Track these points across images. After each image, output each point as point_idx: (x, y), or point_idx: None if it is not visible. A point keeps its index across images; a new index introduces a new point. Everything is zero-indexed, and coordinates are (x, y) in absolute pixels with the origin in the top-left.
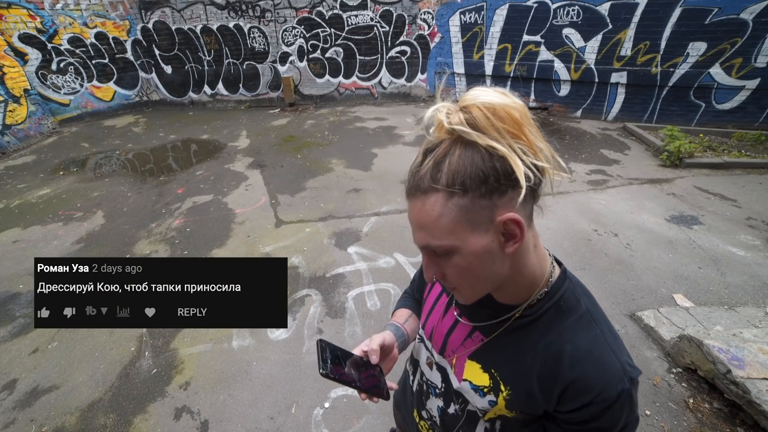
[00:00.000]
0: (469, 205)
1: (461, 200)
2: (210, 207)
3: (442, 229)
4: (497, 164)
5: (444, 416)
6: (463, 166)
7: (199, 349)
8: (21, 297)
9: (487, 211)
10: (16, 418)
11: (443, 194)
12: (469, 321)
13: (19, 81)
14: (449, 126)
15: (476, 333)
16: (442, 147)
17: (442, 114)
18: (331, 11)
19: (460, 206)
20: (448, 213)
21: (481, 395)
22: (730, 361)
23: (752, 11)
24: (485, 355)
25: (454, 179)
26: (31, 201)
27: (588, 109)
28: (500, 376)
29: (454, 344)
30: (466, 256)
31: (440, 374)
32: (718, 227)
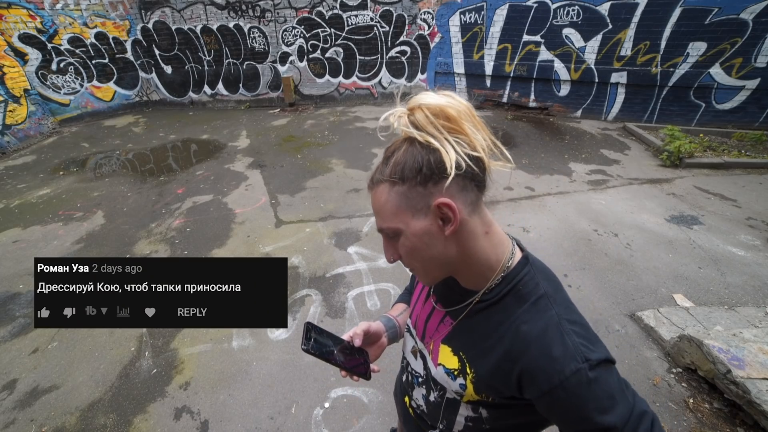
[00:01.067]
0: (407, 192)
1: (401, 188)
2: (210, 207)
3: (388, 213)
4: (431, 156)
5: (428, 405)
6: (403, 159)
7: (199, 349)
8: (21, 297)
9: (424, 198)
10: (16, 418)
11: (387, 184)
12: (443, 307)
13: (19, 81)
14: (397, 128)
15: (447, 318)
16: (395, 145)
17: (394, 117)
18: (331, 11)
19: (399, 193)
20: (392, 199)
21: (452, 378)
22: (730, 361)
23: (752, 11)
24: (454, 339)
25: (395, 170)
26: (31, 201)
27: (588, 109)
28: (467, 358)
29: (431, 330)
30: (410, 237)
31: (422, 362)
32: (718, 227)
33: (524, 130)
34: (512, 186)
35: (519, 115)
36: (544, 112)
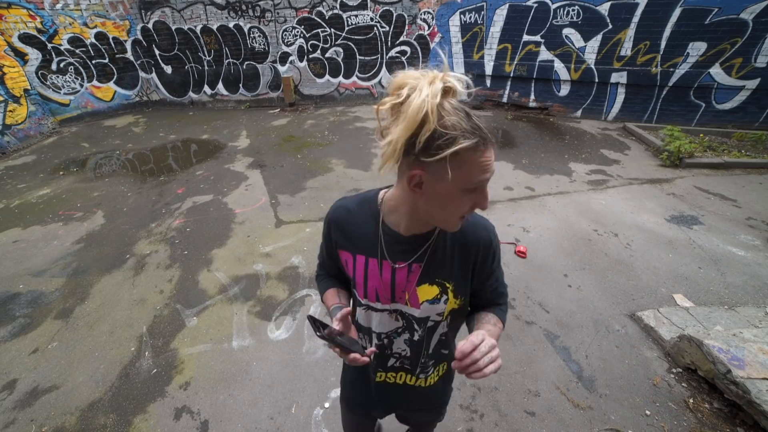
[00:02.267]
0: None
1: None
2: (210, 207)
3: None
4: None
5: (412, 345)
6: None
7: (199, 349)
8: (21, 297)
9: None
10: (16, 418)
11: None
12: (405, 262)
13: (19, 81)
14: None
15: (414, 265)
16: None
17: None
18: (331, 11)
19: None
20: None
21: (437, 302)
22: (730, 361)
23: (752, 11)
24: (428, 273)
25: None
26: (31, 201)
27: (588, 109)
28: (443, 278)
29: (401, 286)
30: None
31: (400, 317)
32: (718, 227)
33: (524, 130)
34: (512, 186)
35: (519, 115)
36: (544, 112)
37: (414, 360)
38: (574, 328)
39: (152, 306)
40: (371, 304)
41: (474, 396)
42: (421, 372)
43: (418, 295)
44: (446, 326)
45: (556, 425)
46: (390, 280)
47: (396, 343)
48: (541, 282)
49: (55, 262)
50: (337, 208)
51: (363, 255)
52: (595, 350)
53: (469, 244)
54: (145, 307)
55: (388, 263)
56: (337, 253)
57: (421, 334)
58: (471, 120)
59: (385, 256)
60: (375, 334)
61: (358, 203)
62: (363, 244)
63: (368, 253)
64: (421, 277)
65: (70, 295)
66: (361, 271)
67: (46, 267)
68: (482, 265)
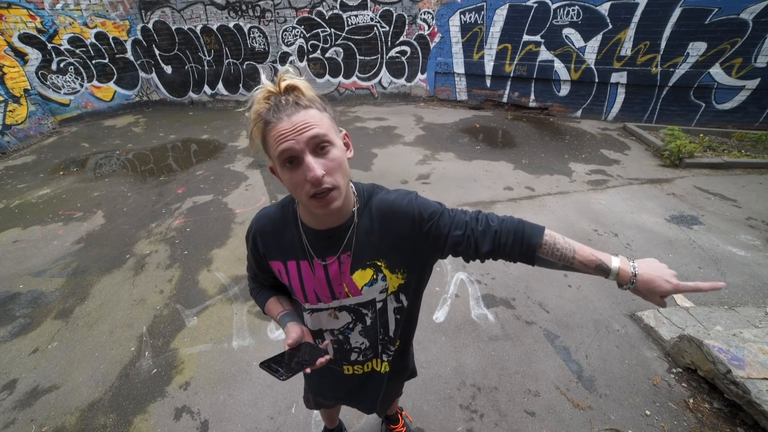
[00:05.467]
0: (330, 118)
1: (326, 114)
2: (210, 207)
3: (325, 126)
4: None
5: (368, 333)
6: (312, 99)
7: (199, 349)
8: (21, 297)
9: (336, 126)
10: (16, 418)
11: (315, 109)
12: (333, 256)
13: (19, 81)
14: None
15: (342, 256)
16: (273, 92)
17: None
18: (331, 11)
19: (328, 117)
20: (324, 119)
21: (376, 282)
22: (730, 361)
23: (752, 11)
24: (358, 261)
25: (316, 102)
26: (31, 201)
27: (588, 109)
28: (372, 259)
29: (336, 280)
30: (339, 150)
31: (346, 312)
32: (718, 227)
33: (524, 130)
34: (512, 186)
35: (519, 115)
36: (544, 112)
37: (374, 345)
38: (574, 328)
39: (152, 306)
40: (314, 307)
41: (474, 396)
42: (383, 353)
43: (355, 282)
44: (396, 301)
45: (556, 425)
46: (324, 277)
47: (352, 338)
48: (541, 282)
49: (55, 262)
50: (259, 219)
51: (293, 260)
52: (595, 350)
53: (389, 220)
54: (145, 307)
55: (318, 262)
56: (267, 264)
57: (372, 317)
58: (270, 109)
59: (313, 256)
60: (328, 332)
61: (279, 209)
62: (290, 249)
63: (297, 256)
64: (353, 265)
65: (70, 295)
66: (296, 276)
67: (46, 267)
68: (419, 232)
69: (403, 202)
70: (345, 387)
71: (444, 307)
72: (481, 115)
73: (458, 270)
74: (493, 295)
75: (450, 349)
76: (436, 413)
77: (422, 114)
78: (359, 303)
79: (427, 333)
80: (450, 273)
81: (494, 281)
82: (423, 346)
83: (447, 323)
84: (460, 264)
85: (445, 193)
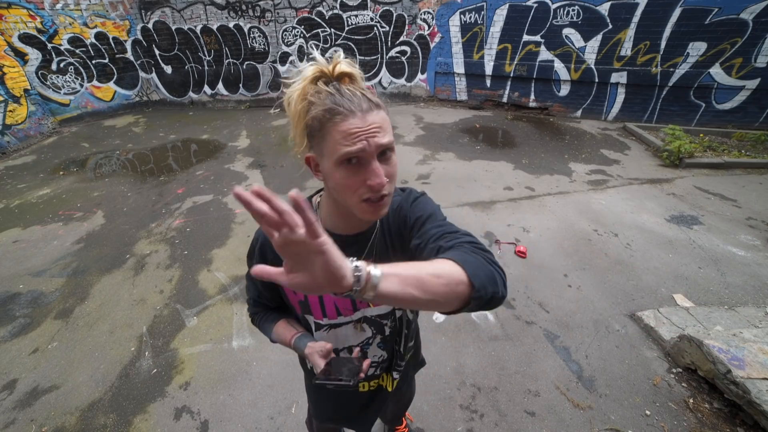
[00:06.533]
0: (388, 117)
1: (386, 113)
2: (210, 207)
3: (390, 131)
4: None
5: (386, 344)
6: (370, 95)
7: (199, 349)
8: (21, 297)
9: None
10: (16, 418)
11: (383, 109)
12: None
13: (19, 81)
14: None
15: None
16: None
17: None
18: (331, 11)
19: (388, 117)
20: (388, 120)
21: None
22: (730, 361)
23: (752, 11)
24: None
25: (379, 101)
26: (31, 201)
27: (588, 109)
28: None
29: None
30: (395, 156)
31: (367, 325)
32: (718, 227)
33: (524, 130)
34: (512, 186)
35: (519, 115)
36: (544, 112)
37: (390, 357)
38: (574, 328)
39: (152, 306)
40: (333, 322)
41: (474, 396)
42: (395, 368)
43: None
44: (410, 311)
45: (556, 425)
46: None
47: (371, 351)
48: (541, 282)
49: (55, 262)
50: None
51: None
52: (595, 350)
53: (401, 220)
54: (145, 307)
55: None
56: None
57: (391, 326)
58: (333, 96)
59: None
60: (344, 350)
61: None
62: None
63: None
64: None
65: (70, 295)
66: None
67: (46, 267)
68: (413, 224)
69: (420, 202)
70: (351, 407)
71: None
72: (481, 115)
73: None
74: None
75: (450, 349)
76: (436, 413)
77: (422, 114)
78: (380, 314)
79: (427, 333)
80: None
81: None
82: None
83: (447, 323)
84: None
85: (445, 193)
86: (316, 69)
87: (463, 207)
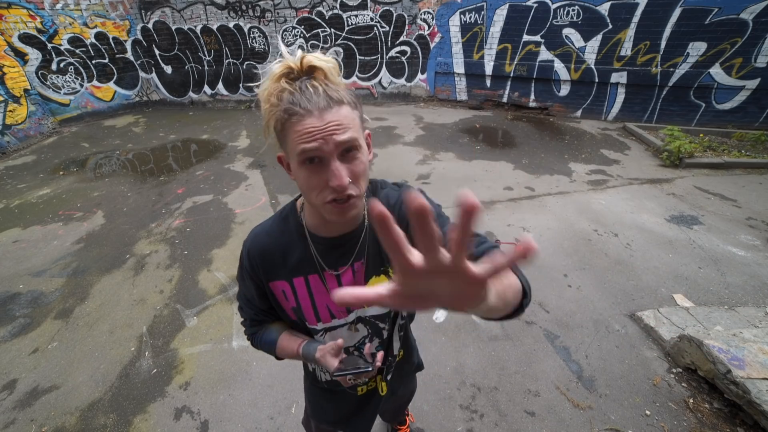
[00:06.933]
0: (360, 117)
1: (357, 112)
2: (210, 207)
3: (356, 128)
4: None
5: (380, 345)
6: (343, 91)
7: (199, 349)
8: (21, 297)
9: (363, 125)
10: (16, 418)
11: (349, 106)
12: (346, 265)
13: (19, 81)
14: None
15: (356, 264)
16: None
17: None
18: (331, 11)
19: (358, 116)
20: (356, 118)
21: None
22: (730, 361)
23: (752, 11)
24: (372, 267)
25: (348, 97)
26: (31, 201)
27: (588, 109)
28: (387, 263)
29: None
30: (364, 156)
31: (362, 324)
32: (718, 227)
33: (524, 130)
34: (512, 186)
35: (519, 115)
36: (544, 112)
37: (385, 359)
38: (574, 328)
39: (152, 306)
40: (328, 325)
41: (474, 396)
42: (387, 371)
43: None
44: (404, 313)
45: (556, 425)
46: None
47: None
48: (541, 282)
49: (55, 262)
50: (255, 237)
51: (301, 276)
52: (595, 350)
53: (400, 214)
54: (145, 307)
55: (330, 273)
56: (269, 288)
57: (389, 330)
58: (292, 95)
59: (324, 267)
60: (353, 349)
61: (278, 222)
62: (297, 264)
63: (306, 271)
64: (367, 273)
65: (70, 295)
66: (305, 293)
67: (46, 267)
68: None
69: (399, 196)
70: (348, 409)
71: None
72: (481, 115)
73: None
74: None
75: (450, 349)
76: (436, 413)
77: (422, 114)
78: (375, 316)
79: (427, 333)
80: None
81: None
82: (423, 346)
83: (447, 323)
84: None
85: (445, 193)
86: (284, 66)
87: None
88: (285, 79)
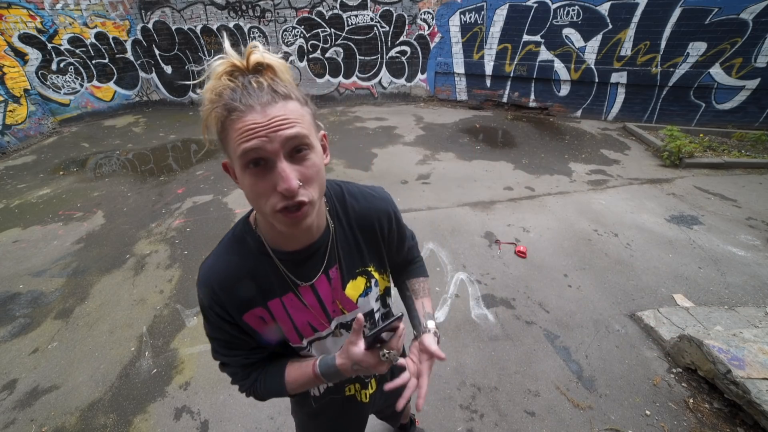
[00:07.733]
0: (311, 114)
1: (309, 109)
2: (210, 207)
3: (306, 124)
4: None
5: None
6: (292, 88)
7: (199, 349)
8: (21, 297)
9: (316, 124)
10: (16, 418)
11: (298, 102)
12: (321, 273)
13: (19, 81)
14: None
15: (330, 271)
16: (237, 70)
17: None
18: (331, 11)
19: (309, 113)
20: (306, 115)
21: (370, 291)
22: (730, 361)
23: (752, 11)
24: (347, 272)
25: (298, 94)
26: (31, 201)
27: (588, 109)
28: (362, 266)
29: (329, 299)
30: (317, 156)
31: (344, 329)
32: (718, 227)
33: (524, 130)
34: (512, 186)
35: (519, 115)
36: (544, 112)
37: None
38: (574, 328)
39: (152, 306)
40: (312, 338)
41: (474, 396)
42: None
43: (349, 296)
44: (383, 306)
45: (556, 425)
46: (316, 302)
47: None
48: (541, 282)
49: (55, 262)
50: (210, 272)
51: (275, 297)
52: (595, 350)
53: (367, 219)
54: (145, 307)
55: (305, 287)
56: (244, 321)
57: (371, 329)
58: (233, 91)
59: (297, 283)
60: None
61: (233, 247)
62: (267, 286)
63: (279, 292)
64: (344, 278)
65: (70, 295)
66: (283, 315)
67: (46, 267)
68: (389, 232)
69: (380, 203)
70: (341, 409)
71: (444, 307)
72: (481, 115)
73: (458, 270)
74: (493, 295)
75: (450, 349)
76: (436, 413)
77: (422, 114)
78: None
79: None
80: (450, 273)
81: (494, 281)
82: None
83: (447, 323)
84: (460, 264)
85: (445, 193)
86: (227, 63)
87: (463, 207)
88: (228, 76)
